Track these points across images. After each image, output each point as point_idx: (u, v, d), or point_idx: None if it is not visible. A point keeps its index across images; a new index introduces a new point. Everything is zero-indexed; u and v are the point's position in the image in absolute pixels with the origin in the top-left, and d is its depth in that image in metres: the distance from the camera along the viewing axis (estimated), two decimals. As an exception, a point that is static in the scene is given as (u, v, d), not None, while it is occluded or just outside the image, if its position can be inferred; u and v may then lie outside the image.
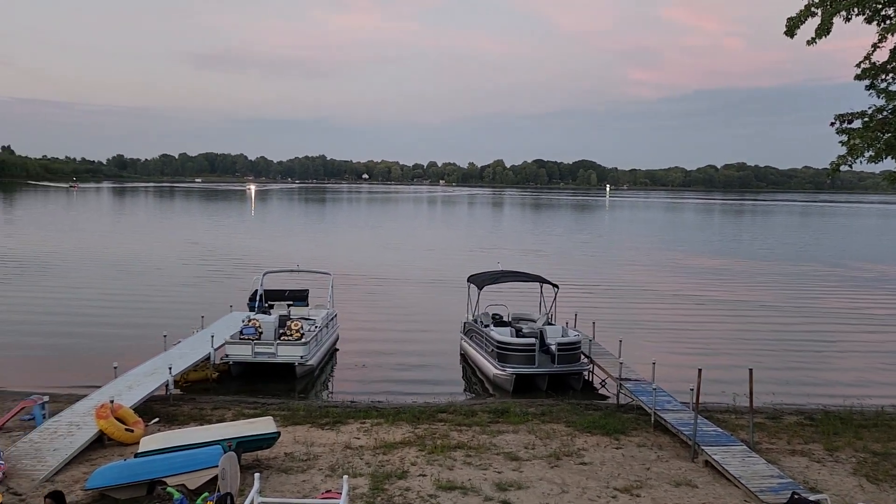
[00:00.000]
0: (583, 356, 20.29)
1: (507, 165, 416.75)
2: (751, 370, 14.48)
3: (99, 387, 16.60)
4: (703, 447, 13.44)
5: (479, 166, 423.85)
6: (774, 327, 28.85)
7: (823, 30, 15.64)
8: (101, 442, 13.55)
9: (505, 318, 22.96)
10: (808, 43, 15.97)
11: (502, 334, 20.28)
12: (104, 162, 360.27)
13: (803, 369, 22.72)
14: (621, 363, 18.47)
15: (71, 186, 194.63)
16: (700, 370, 14.27)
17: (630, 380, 17.89)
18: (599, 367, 19.87)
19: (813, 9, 15.73)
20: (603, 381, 20.45)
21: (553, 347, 19.56)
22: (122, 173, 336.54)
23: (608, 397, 19.21)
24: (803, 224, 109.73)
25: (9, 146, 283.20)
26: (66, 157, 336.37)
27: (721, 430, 14.54)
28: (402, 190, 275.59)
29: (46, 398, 14.99)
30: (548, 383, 19.55)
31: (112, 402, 14.42)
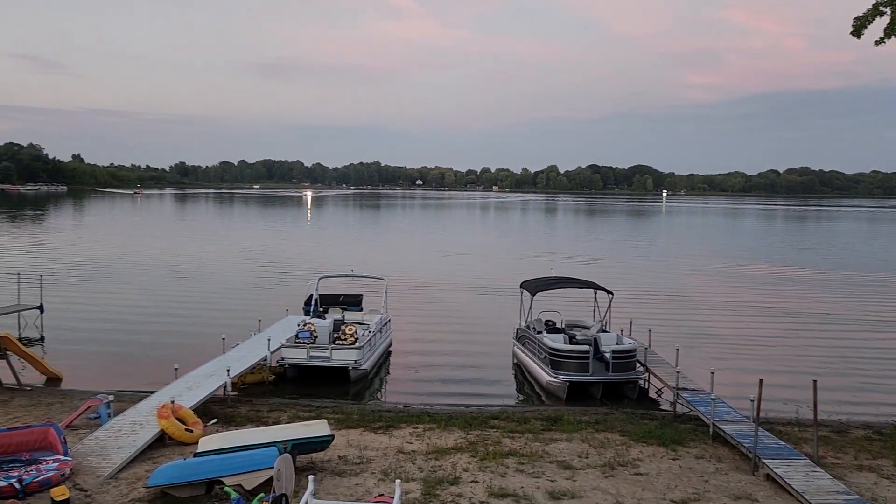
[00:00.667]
0: (638, 364, 19.94)
1: (561, 171, 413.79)
2: (814, 381, 13.98)
3: (158, 389, 17.05)
4: (764, 460, 13.02)
5: (532, 172, 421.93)
6: (840, 338, 27.80)
7: (893, 29, 15.09)
8: (162, 441, 13.93)
9: (558, 325, 22.74)
10: (877, 43, 15.43)
11: (555, 341, 20.09)
12: (167, 169, 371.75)
13: (871, 382, 21.80)
14: (678, 372, 18.07)
15: (135, 193, 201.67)
16: (761, 380, 13.86)
17: (687, 389, 17.47)
18: (655, 375, 19.48)
19: (881, 7, 15.19)
20: (659, 390, 20.03)
21: (608, 355, 19.28)
22: (183, 180, 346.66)
23: (664, 407, 18.79)
24: (872, 231, 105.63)
25: (79, 155, 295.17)
26: (132, 164, 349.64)
27: (783, 443, 14.08)
28: (456, 196, 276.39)
29: (111, 398, 15.51)
30: (602, 391, 19.27)
31: (173, 402, 14.83)
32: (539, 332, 21.28)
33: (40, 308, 25.99)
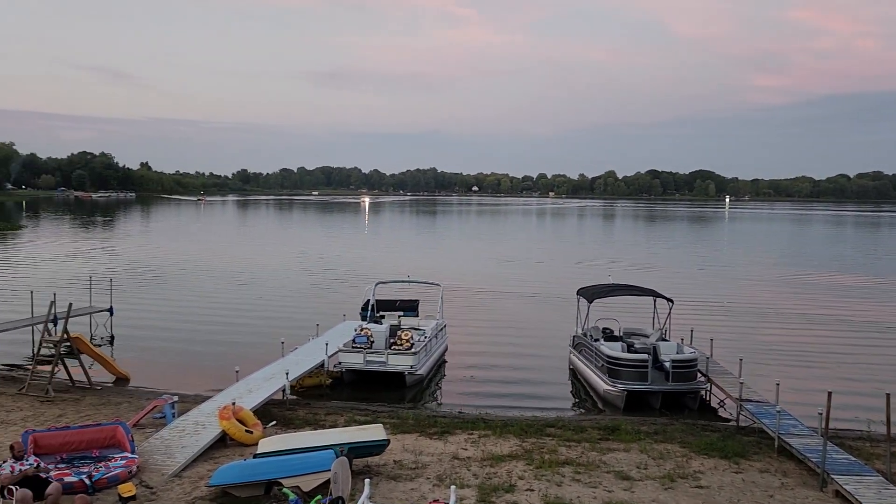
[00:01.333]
0: (699, 374, 19.44)
1: (619, 176, 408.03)
2: (888, 395, 13.35)
3: (222, 389, 17.49)
4: (833, 476, 12.50)
5: (589, 178, 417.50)
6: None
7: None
8: (223, 441, 14.26)
9: (616, 333, 22.38)
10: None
11: (613, 349, 19.76)
12: (229, 176, 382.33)
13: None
14: (742, 383, 17.52)
15: (199, 199, 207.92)
16: (830, 393, 13.33)
17: (751, 401, 16.93)
18: (718, 386, 18.95)
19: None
20: (721, 401, 19.48)
21: (667, 364, 18.87)
22: (245, 187, 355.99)
23: (727, 419, 18.27)
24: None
25: (146, 162, 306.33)
26: (196, 171, 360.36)
27: (854, 459, 13.50)
28: (512, 202, 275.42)
29: (176, 398, 16.00)
30: (661, 401, 18.86)
31: (234, 404, 15.18)
32: (596, 340, 20.98)
33: (110, 311, 27.00)
